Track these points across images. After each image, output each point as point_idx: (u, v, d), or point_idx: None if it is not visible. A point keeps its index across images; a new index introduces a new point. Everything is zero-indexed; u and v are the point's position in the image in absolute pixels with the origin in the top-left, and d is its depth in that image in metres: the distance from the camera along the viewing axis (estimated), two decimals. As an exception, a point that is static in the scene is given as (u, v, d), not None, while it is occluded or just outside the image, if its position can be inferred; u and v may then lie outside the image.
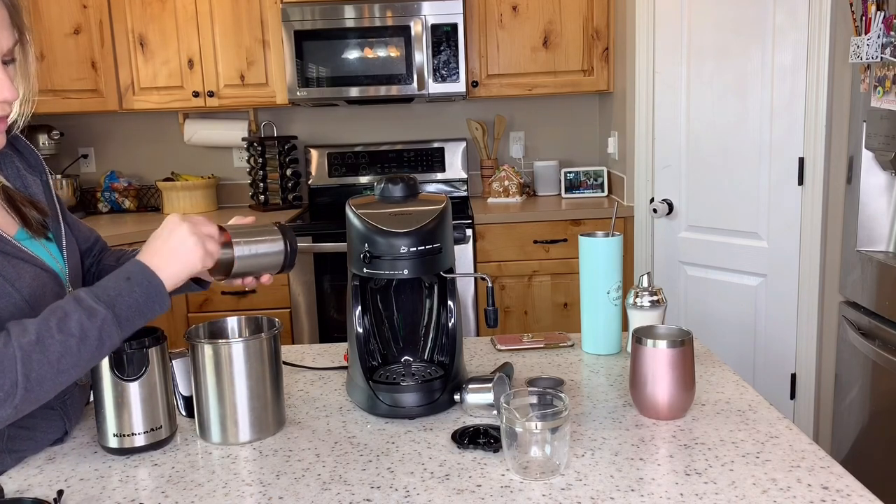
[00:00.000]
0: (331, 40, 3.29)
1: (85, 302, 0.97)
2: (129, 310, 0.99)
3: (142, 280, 1.01)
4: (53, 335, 0.94)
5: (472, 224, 3.18)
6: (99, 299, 0.97)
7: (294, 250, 1.17)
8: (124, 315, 0.99)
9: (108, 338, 0.98)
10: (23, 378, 0.91)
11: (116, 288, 1.00)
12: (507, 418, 0.98)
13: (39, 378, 0.93)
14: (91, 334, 0.96)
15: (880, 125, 2.06)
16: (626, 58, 3.12)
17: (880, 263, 2.10)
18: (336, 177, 3.75)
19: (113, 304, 0.98)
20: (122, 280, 1.01)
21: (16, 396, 0.91)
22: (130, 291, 1.00)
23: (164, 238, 1.06)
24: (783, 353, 2.70)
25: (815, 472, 0.97)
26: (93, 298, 0.97)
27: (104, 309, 0.97)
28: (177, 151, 3.86)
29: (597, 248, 1.45)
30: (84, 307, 0.96)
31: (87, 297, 0.98)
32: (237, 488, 0.99)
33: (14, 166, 1.18)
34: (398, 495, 0.96)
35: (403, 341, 1.34)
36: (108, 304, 0.98)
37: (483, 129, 3.74)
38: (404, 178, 1.27)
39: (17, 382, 0.91)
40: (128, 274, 1.01)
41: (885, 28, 2.00)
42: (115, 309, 0.98)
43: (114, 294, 0.99)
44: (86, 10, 3.32)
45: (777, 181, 2.62)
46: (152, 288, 1.01)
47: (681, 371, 1.14)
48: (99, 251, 1.35)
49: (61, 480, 1.03)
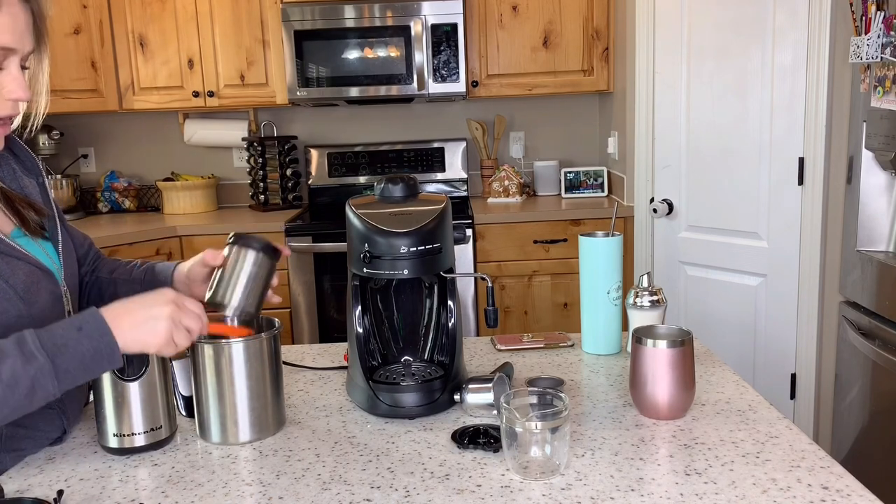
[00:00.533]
0: (331, 40, 3.29)
1: (26, 346, 0.92)
2: (71, 362, 0.94)
3: (93, 333, 0.95)
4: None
5: (472, 224, 3.18)
6: (43, 346, 0.93)
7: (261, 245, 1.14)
8: (64, 367, 0.93)
9: (41, 388, 0.93)
10: None
11: (64, 336, 0.94)
12: (507, 418, 0.98)
13: None
14: (22, 383, 0.91)
15: (880, 125, 2.06)
16: (626, 58, 3.12)
17: (880, 263, 2.10)
18: (336, 177, 3.75)
19: (56, 355, 0.93)
20: (73, 329, 0.95)
21: None
22: (78, 343, 0.94)
23: (141, 306, 1.00)
24: (783, 353, 2.70)
25: (815, 472, 0.97)
26: (35, 344, 0.93)
27: (43, 358, 0.92)
28: (177, 151, 3.86)
29: (597, 248, 1.45)
30: (24, 352, 0.92)
31: (30, 340, 0.93)
32: (237, 488, 0.99)
33: (10, 168, 1.19)
34: (398, 495, 0.96)
35: (403, 341, 1.34)
36: (51, 352, 0.93)
37: (483, 129, 3.74)
38: (404, 178, 1.27)
39: None
40: (80, 324, 0.96)
41: (885, 28, 2.00)
42: (56, 360, 0.93)
43: (60, 343, 0.94)
44: (86, 10, 3.32)
45: (777, 181, 2.62)
46: (103, 344, 0.95)
47: (681, 371, 1.14)
48: (94, 259, 1.35)
49: (61, 480, 1.03)
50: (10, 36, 0.99)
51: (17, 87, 1.02)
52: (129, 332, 0.97)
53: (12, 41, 1.00)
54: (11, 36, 0.99)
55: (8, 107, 1.03)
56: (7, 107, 1.03)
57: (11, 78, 1.02)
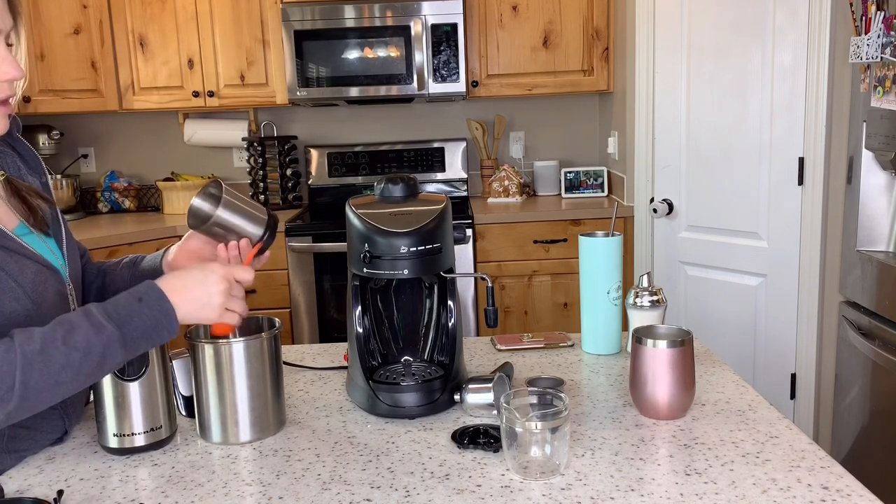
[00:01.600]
0: (331, 40, 3.29)
1: (94, 318, 0.96)
2: (136, 331, 0.98)
3: (154, 304, 1.00)
4: (58, 346, 0.93)
5: (472, 224, 3.18)
6: (109, 317, 0.97)
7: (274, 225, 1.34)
8: (131, 336, 0.97)
9: (111, 357, 0.97)
10: (20, 385, 0.91)
11: (128, 307, 0.98)
12: (507, 418, 0.98)
13: (37, 387, 0.92)
14: (95, 350, 0.95)
15: (880, 125, 2.06)
16: (626, 58, 3.12)
17: (880, 263, 2.10)
18: (336, 177, 3.75)
19: (122, 324, 0.97)
20: (134, 300, 0.99)
21: (10, 402, 0.91)
22: (140, 313, 0.98)
23: (196, 282, 1.04)
24: (783, 353, 2.70)
25: (815, 472, 0.97)
26: (103, 314, 0.96)
27: (112, 327, 0.96)
28: (177, 151, 3.86)
29: (597, 248, 1.45)
30: (93, 322, 0.95)
31: (97, 312, 0.97)
32: (237, 488, 0.99)
33: (16, 166, 1.19)
34: (398, 495, 0.96)
35: (403, 341, 1.34)
36: (118, 322, 0.97)
37: (483, 129, 3.74)
38: (404, 178, 1.27)
39: (13, 388, 0.90)
40: (140, 295, 1.00)
41: (885, 28, 2.00)
42: (122, 328, 0.97)
43: (124, 313, 0.98)
44: (86, 10, 3.32)
45: (777, 181, 2.62)
46: (163, 314, 1.00)
47: (681, 371, 1.14)
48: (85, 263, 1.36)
49: (61, 480, 1.03)
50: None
51: (9, 66, 1.02)
52: (186, 306, 1.02)
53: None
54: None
55: (4, 88, 1.03)
56: (4, 88, 1.03)
57: (1, 59, 1.01)
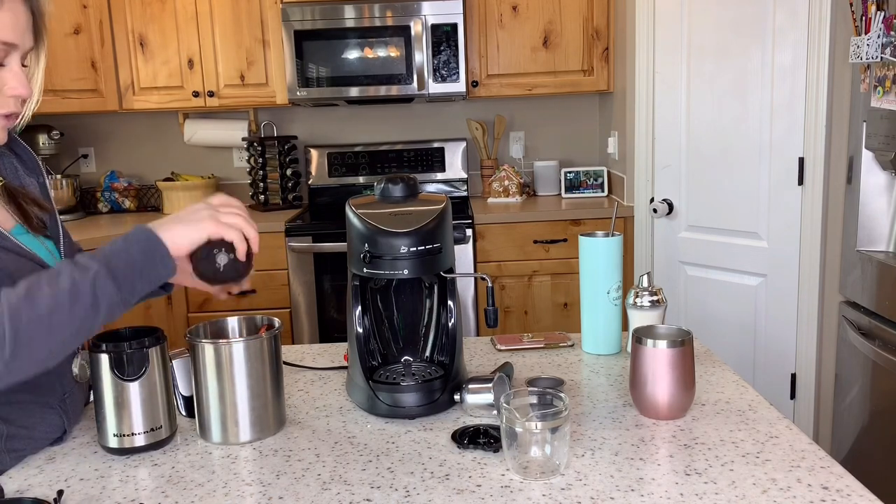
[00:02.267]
0: (331, 40, 3.29)
1: (78, 261, 0.95)
2: (125, 267, 0.96)
3: (140, 238, 0.98)
4: (42, 288, 0.92)
5: (472, 224, 3.18)
6: (93, 258, 0.96)
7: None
8: (121, 271, 0.95)
9: (103, 294, 0.94)
10: (11, 332, 0.89)
11: (111, 246, 0.98)
12: (507, 418, 0.98)
13: (29, 333, 0.91)
14: (83, 289, 0.93)
15: (880, 125, 2.06)
16: (626, 58, 3.12)
17: (880, 263, 2.10)
18: (336, 177, 3.75)
19: (108, 261, 0.95)
20: (120, 241, 0.98)
21: (4, 351, 0.89)
22: (126, 249, 0.97)
23: (180, 213, 1.04)
24: (783, 353, 2.70)
25: (815, 472, 0.97)
26: (87, 257, 0.96)
27: (98, 265, 0.94)
28: (177, 151, 3.86)
29: (597, 248, 1.45)
30: (77, 264, 0.95)
31: (80, 257, 0.97)
32: (237, 488, 0.99)
33: (13, 167, 1.19)
34: (398, 495, 0.96)
35: (403, 341, 1.34)
36: (104, 261, 0.95)
37: (483, 129, 3.74)
38: (404, 178, 1.27)
39: (4, 336, 0.89)
40: (125, 236, 0.99)
41: (885, 28, 2.00)
42: (109, 265, 0.95)
43: (108, 252, 0.97)
44: (86, 10, 3.32)
45: (777, 181, 2.62)
46: (150, 245, 0.98)
47: (681, 371, 1.14)
48: None
49: (61, 480, 1.03)
50: (12, 32, 1.00)
51: (18, 83, 1.02)
52: (173, 230, 1.00)
53: (14, 37, 1.00)
54: (13, 32, 1.00)
55: (10, 104, 1.04)
56: (9, 104, 1.03)
57: (12, 74, 1.02)
